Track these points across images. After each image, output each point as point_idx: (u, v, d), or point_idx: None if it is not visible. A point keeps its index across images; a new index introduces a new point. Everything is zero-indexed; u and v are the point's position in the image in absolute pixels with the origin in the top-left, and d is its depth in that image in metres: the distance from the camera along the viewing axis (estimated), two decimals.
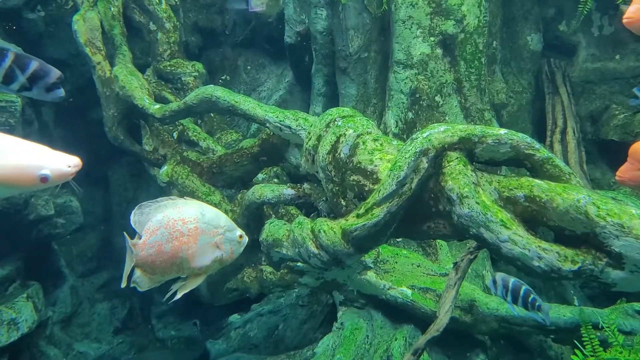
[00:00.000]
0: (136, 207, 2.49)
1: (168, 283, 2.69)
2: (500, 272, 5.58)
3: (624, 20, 3.58)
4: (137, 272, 2.52)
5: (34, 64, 3.01)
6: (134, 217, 2.47)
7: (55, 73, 3.08)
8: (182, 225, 2.51)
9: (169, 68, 6.87)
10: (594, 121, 6.33)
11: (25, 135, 3.91)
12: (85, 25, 6.24)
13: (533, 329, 4.41)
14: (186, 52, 7.32)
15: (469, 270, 4.27)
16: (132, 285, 2.52)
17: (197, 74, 6.91)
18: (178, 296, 2.66)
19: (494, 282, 3.91)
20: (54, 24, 7.05)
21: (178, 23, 7.12)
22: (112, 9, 6.50)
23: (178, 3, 7.34)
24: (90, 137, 6.86)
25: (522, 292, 3.77)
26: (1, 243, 5.53)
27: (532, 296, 3.76)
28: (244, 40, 8.21)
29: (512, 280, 3.82)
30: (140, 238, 2.50)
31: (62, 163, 2.02)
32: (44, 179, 1.99)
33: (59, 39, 7.09)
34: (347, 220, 3.63)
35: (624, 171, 3.54)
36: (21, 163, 1.96)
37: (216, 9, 8.06)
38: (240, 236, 2.70)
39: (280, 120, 4.68)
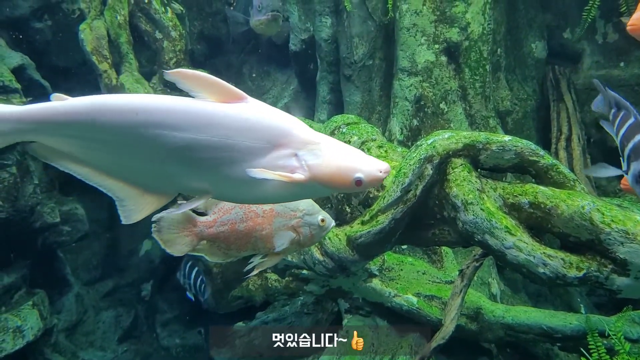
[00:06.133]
0: None
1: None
2: (505, 278, 5.58)
3: (628, 27, 3.57)
4: (204, 245, 2.59)
5: None
6: None
7: None
8: (258, 207, 2.56)
9: None
10: (599, 128, 6.30)
11: None
12: (91, 34, 6.29)
13: (539, 337, 4.38)
14: (192, 60, 7.36)
15: (475, 278, 4.26)
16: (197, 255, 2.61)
17: None
18: (254, 273, 2.69)
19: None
20: (61, 32, 7.09)
21: (184, 31, 7.16)
22: (119, 17, 6.54)
23: (184, 12, 7.40)
24: None
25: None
26: (7, 250, 5.54)
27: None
28: (249, 49, 8.26)
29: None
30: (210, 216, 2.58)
31: (375, 168, 2.00)
32: (359, 182, 1.97)
33: (65, 48, 7.13)
34: (351, 227, 3.64)
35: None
36: (340, 166, 1.96)
37: (221, 18, 8.11)
38: (323, 220, 2.66)
39: None
